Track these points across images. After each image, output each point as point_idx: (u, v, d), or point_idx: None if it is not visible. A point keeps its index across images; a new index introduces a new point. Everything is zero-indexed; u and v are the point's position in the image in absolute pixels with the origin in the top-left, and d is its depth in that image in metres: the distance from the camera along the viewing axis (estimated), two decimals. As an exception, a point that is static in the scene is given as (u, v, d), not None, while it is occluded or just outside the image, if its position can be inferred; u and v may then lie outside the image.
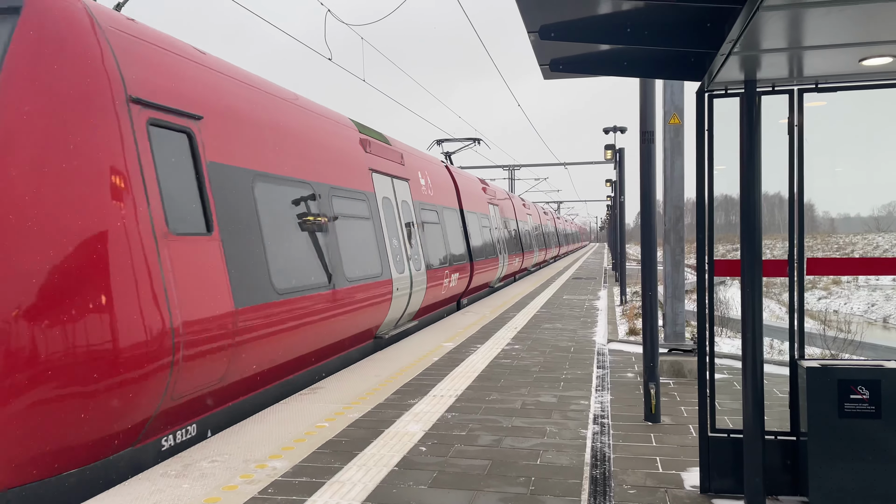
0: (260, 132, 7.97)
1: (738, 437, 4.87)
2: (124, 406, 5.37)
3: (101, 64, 5.52)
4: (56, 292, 4.95)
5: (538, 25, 4.31)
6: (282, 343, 7.79)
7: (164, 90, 6.27)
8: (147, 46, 6.33)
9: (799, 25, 3.48)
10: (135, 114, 5.76)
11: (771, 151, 4.68)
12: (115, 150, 5.48)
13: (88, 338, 5.04)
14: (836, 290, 38.47)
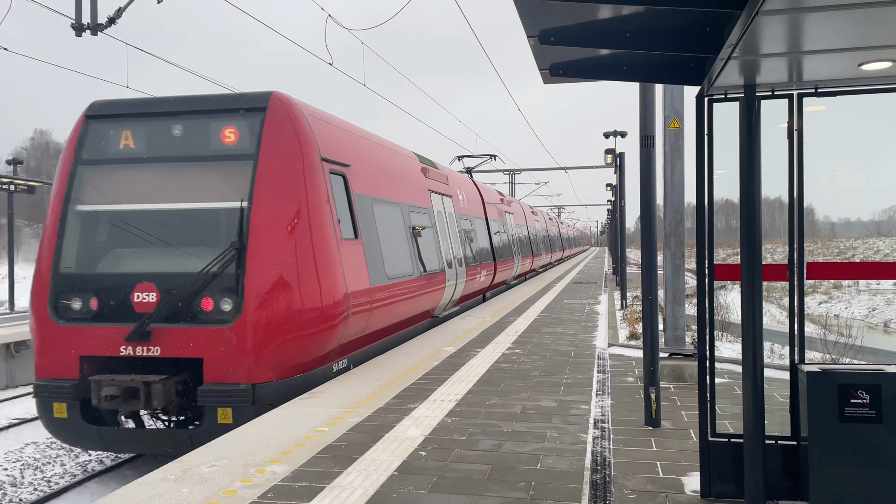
0: (375, 171, 11.98)
1: (738, 442, 4.86)
2: (324, 341, 8.92)
3: (310, 139, 9.11)
4: (297, 275, 8.44)
5: (538, 30, 4.32)
6: (390, 311, 11.47)
7: (334, 151, 9.88)
8: (325, 125, 9.98)
9: (798, 30, 3.48)
10: (325, 167, 9.33)
11: (771, 156, 4.68)
12: (322, 188, 9.11)
13: (314, 301, 8.62)
14: (836, 295, 38.44)
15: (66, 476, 9.30)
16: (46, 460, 9.73)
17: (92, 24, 11.97)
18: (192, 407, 8.37)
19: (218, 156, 8.90)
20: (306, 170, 8.88)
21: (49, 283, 8.77)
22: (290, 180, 8.71)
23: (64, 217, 8.91)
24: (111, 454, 10.21)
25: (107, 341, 8.35)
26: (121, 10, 12.29)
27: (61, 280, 8.71)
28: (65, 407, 8.33)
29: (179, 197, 8.85)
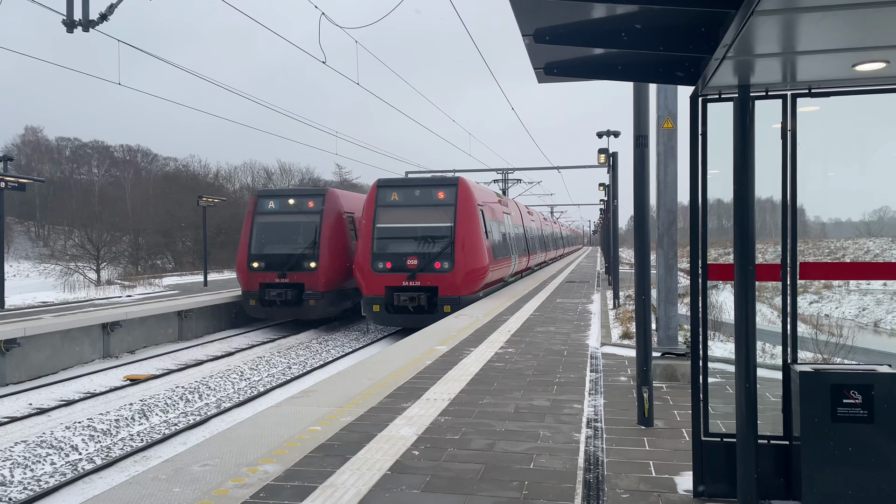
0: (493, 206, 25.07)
1: (731, 442, 4.87)
2: (482, 281, 21.28)
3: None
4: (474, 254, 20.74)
5: (533, 29, 4.31)
6: (493, 274, 22.74)
7: (484, 202, 23.09)
8: (480, 190, 23.56)
9: (793, 30, 3.48)
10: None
11: (763, 156, 4.69)
12: (479, 220, 21.50)
13: (479, 265, 20.92)
14: (827, 295, 38.64)
15: (56, 475, 9.25)
16: (36, 459, 9.67)
17: (83, 21, 11.89)
18: (432, 306, 19.87)
19: (438, 204, 20.91)
20: (476, 211, 21.21)
21: (370, 256, 20.54)
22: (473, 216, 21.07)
23: (373, 229, 20.80)
24: (101, 453, 10.16)
25: (397, 279, 20.08)
26: (112, 6, 12.21)
27: (374, 254, 20.48)
28: (380, 307, 20.14)
29: (423, 221, 20.86)
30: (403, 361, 10.52)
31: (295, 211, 23.14)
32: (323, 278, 22.25)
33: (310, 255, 22.42)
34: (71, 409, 12.55)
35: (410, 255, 19.98)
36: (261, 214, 23.31)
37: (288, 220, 23.13)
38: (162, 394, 13.32)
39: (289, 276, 22.34)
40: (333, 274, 22.74)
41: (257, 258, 22.72)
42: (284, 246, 22.82)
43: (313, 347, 19.44)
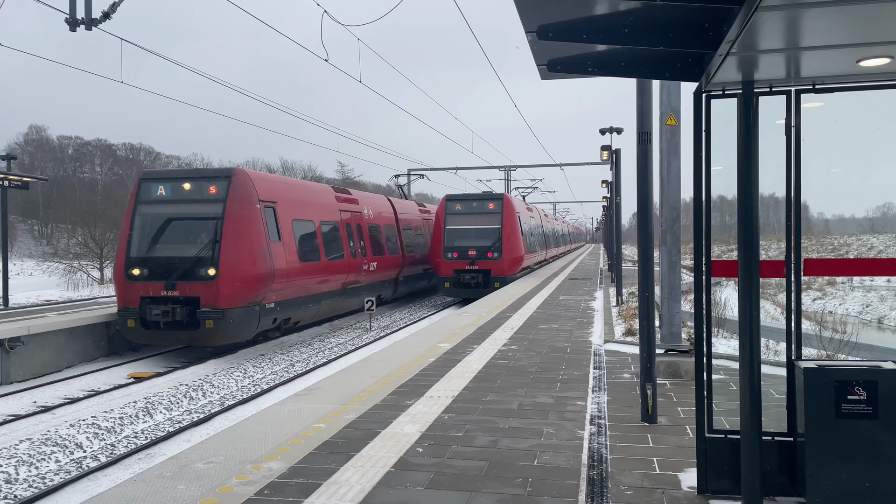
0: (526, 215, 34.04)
1: (735, 438, 4.87)
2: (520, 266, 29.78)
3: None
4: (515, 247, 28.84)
5: (536, 25, 4.30)
6: (526, 262, 30.96)
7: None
8: (517, 201, 32.26)
9: (797, 26, 3.47)
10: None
11: (767, 152, 4.68)
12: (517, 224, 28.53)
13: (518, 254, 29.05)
14: (831, 291, 38.56)
15: (60, 473, 9.27)
16: (41, 457, 9.69)
17: (86, 19, 11.90)
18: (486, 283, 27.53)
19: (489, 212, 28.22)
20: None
21: (442, 249, 27.58)
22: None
23: (444, 230, 27.85)
24: (106, 451, 10.19)
25: (461, 265, 27.54)
26: (115, 4, 12.22)
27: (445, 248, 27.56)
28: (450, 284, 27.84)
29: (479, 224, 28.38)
30: (407, 359, 10.53)
31: (191, 199, 17.23)
32: (225, 290, 16.09)
33: (207, 258, 16.37)
34: (75, 407, 12.58)
35: (471, 248, 27.54)
36: (145, 204, 17.54)
37: (180, 212, 17.29)
38: (166, 392, 13.35)
39: (178, 287, 16.34)
40: (242, 284, 16.37)
41: (137, 263, 16.88)
42: (173, 247, 16.94)
43: (315, 345, 19.46)
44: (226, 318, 16.16)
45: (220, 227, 16.58)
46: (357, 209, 24.34)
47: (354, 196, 25.12)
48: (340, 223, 22.46)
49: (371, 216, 25.56)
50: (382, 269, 25.88)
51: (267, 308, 17.55)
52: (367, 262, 24.05)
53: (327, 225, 21.58)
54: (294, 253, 18.69)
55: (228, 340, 16.83)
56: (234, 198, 16.95)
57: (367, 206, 25.66)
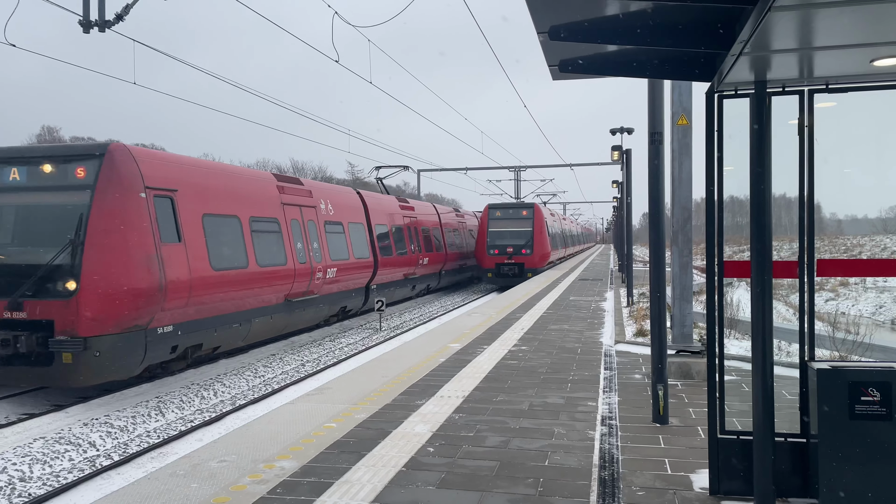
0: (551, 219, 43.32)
1: (747, 439, 4.85)
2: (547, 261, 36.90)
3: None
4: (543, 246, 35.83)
5: (548, 26, 4.30)
6: (552, 257, 38.37)
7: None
8: (545, 209, 39.24)
9: (810, 26, 3.46)
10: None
11: (779, 152, 4.66)
12: (545, 227, 35.30)
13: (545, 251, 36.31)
14: (843, 292, 38.29)
15: (74, 471, 9.35)
16: (55, 455, 9.78)
17: (99, 21, 11.99)
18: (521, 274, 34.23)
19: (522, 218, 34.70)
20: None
21: (485, 247, 34.16)
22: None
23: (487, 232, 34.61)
24: (119, 449, 10.26)
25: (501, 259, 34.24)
26: (128, 6, 12.31)
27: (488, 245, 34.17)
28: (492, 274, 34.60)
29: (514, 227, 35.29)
30: (417, 359, 10.55)
31: (49, 186, 12.49)
32: (89, 310, 11.42)
33: (66, 267, 11.62)
34: (87, 406, 12.67)
35: (508, 246, 34.05)
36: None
37: (32, 203, 12.49)
38: (177, 391, 13.43)
39: (26, 306, 11.54)
40: (114, 302, 11.69)
41: None
42: (21, 251, 12.23)
43: (325, 345, 19.52)
44: (90, 350, 11.43)
45: (84, 223, 11.76)
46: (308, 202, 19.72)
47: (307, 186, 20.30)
48: (284, 220, 17.85)
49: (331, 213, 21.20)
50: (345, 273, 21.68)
51: (159, 334, 12.93)
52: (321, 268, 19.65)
53: (263, 223, 16.84)
54: (204, 258, 14.03)
55: (97, 380, 11.92)
56: (106, 183, 12.07)
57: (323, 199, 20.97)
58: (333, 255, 20.43)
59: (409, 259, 27.47)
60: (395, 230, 26.42)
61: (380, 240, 24.60)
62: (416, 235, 28.78)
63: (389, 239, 25.55)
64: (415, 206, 30.31)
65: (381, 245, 24.56)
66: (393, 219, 26.62)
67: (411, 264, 27.66)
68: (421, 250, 29.09)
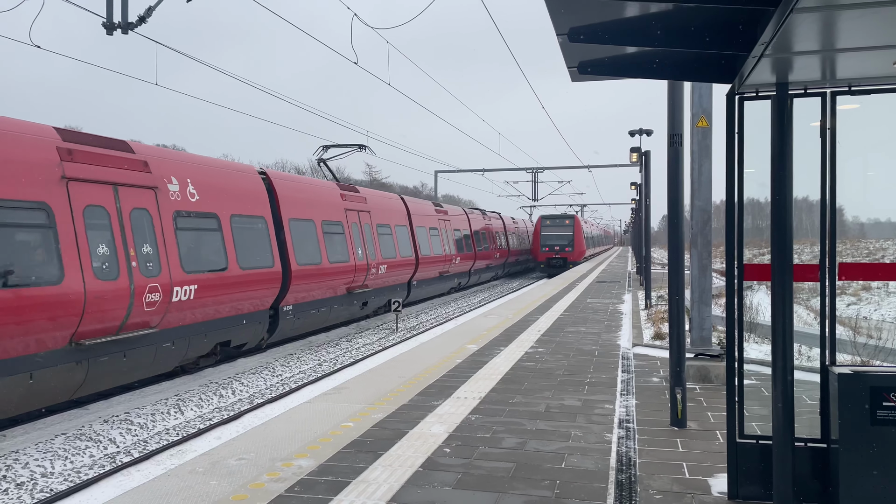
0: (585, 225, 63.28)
1: (766, 444, 4.81)
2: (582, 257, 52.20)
3: (580, 223, 53.89)
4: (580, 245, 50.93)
5: (567, 28, 4.30)
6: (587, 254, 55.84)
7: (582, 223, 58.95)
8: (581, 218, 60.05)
9: (832, 27, 3.44)
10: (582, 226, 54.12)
11: (800, 154, 4.63)
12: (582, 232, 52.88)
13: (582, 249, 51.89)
14: (865, 297, 37.80)
15: (94, 467, 9.47)
16: (75, 451, 9.91)
17: (123, 23, 12.14)
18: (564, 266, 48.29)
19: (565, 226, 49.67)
20: None
21: (539, 246, 48.55)
22: None
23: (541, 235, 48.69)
24: (139, 447, 10.38)
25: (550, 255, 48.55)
26: (150, 8, 12.45)
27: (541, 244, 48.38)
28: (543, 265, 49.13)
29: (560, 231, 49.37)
30: (434, 360, 10.56)
31: None
32: None
33: None
34: (108, 402, 12.82)
35: (556, 245, 47.43)
36: None
37: None
38: (196, 389, 13.55)
39: None
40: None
41: None
42: None
43: (342, 345, 19.60)
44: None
45: None
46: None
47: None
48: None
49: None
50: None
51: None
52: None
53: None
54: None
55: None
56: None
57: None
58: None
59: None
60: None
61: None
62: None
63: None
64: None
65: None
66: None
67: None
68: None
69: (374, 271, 21.77)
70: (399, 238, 24.75)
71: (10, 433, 10.51)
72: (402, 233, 25.34)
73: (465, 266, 33.32)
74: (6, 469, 9.05)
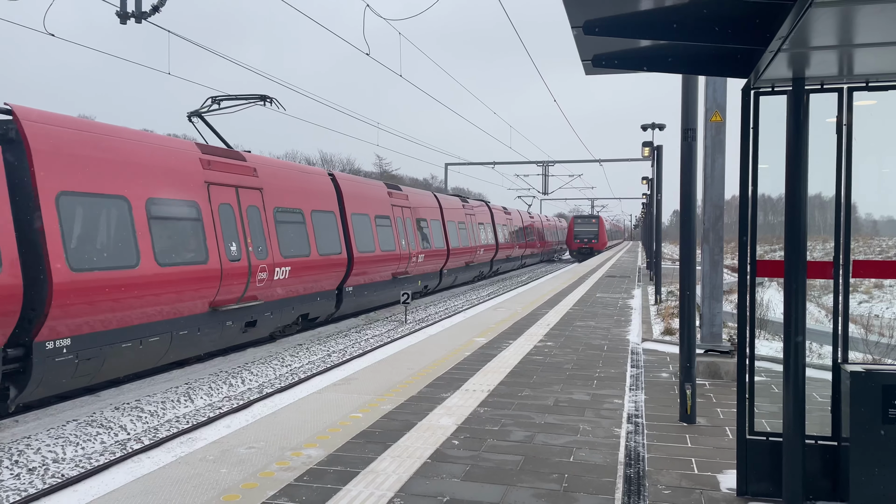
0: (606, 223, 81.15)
1: (776, 441, 4.80)
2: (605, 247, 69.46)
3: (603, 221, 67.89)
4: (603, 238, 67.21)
5: (582, 20, 4.28)
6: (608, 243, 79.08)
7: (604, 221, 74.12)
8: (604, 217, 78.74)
9: (851, 22, 3.40)
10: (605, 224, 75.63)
11: (814, 150, 4.59)
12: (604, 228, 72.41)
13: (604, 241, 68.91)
14: (878, 294, 37.54)
15: (105, 454, 9.56)
16: (87, 438, 10.00)
17: (136, 12, 12.18)
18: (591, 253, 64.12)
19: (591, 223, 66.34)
20: None
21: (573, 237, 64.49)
22: None
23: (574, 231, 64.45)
24: (150, 434, 10.46)
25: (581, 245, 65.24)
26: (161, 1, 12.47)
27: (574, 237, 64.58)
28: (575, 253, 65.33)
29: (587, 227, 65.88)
30: (442, 352, 10.58)
31: None
32: None
33: None
34: (119, 390, 12.93)
35: (584, 237, 62.44)
36: None
37: None
38: (206, 378, 13.64)
39: None
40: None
41: None
42: None
43: (351, 336, 19.66)
44: None
45: None
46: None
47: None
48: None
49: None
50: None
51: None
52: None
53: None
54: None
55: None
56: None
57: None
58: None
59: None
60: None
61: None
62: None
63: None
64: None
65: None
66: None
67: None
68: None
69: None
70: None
71: (23, 419, 10.61)
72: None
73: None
74: (18, 454, 9.15)
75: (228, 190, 14.26)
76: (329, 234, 18.47)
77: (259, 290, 14.97)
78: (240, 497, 4.86)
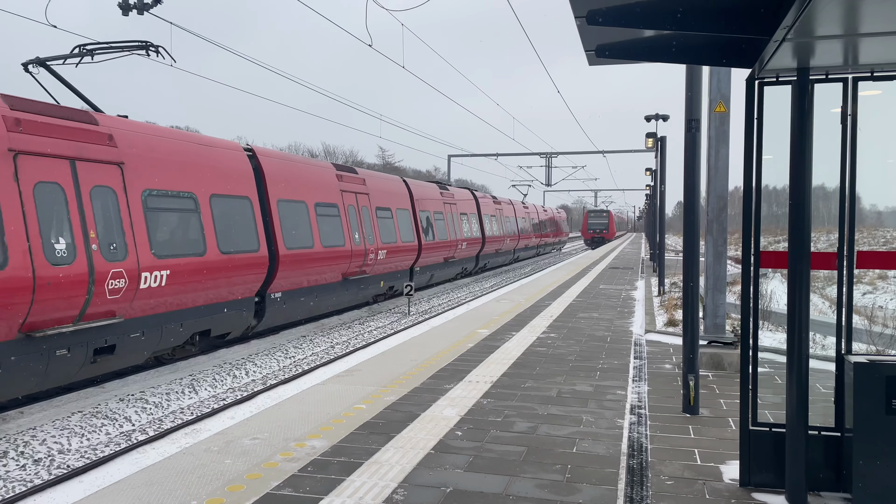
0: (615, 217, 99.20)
1: (780, 432, 4.80)
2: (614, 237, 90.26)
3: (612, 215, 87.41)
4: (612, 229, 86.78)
5: (586, 10, 4.25)
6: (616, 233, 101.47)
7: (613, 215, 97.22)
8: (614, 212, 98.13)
9: (856, 11, 3.38)
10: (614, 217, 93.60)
11: (819, 141, 4.57)
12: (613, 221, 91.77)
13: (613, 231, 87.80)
14: (882, 286, 37.46)
15: (110, 445, 9.61)
16: (92, 429, 10.05)
17: (138, 3, 12.15)
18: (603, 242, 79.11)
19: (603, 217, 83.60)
20: None
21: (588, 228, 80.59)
22: None
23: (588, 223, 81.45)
24: (154, 425, 10.50)
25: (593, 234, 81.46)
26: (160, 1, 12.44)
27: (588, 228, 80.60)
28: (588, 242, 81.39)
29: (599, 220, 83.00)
30: (445, 344, 10.60)
31: None
32: None
33: None
34: (123, 381, 12.98)
35: (596, 227, 78.10)
36: None
37: None
38: (210, 369, 13.68)
39: None
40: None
41: None
42: None
43: (354, 328, 19.70)
44: None
45: None
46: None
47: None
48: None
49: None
50: None
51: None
52: None
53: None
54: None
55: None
56: None
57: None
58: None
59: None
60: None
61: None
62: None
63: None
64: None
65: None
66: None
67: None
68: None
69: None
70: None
71: (28, 410, 10.67)
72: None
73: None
74: (24, 445, 9.20)
75: (56, 164, 10.14)
76: (240, 226, 14.64)
77: (115, 303, 10.99)
78: (244, 487, 4.89)
